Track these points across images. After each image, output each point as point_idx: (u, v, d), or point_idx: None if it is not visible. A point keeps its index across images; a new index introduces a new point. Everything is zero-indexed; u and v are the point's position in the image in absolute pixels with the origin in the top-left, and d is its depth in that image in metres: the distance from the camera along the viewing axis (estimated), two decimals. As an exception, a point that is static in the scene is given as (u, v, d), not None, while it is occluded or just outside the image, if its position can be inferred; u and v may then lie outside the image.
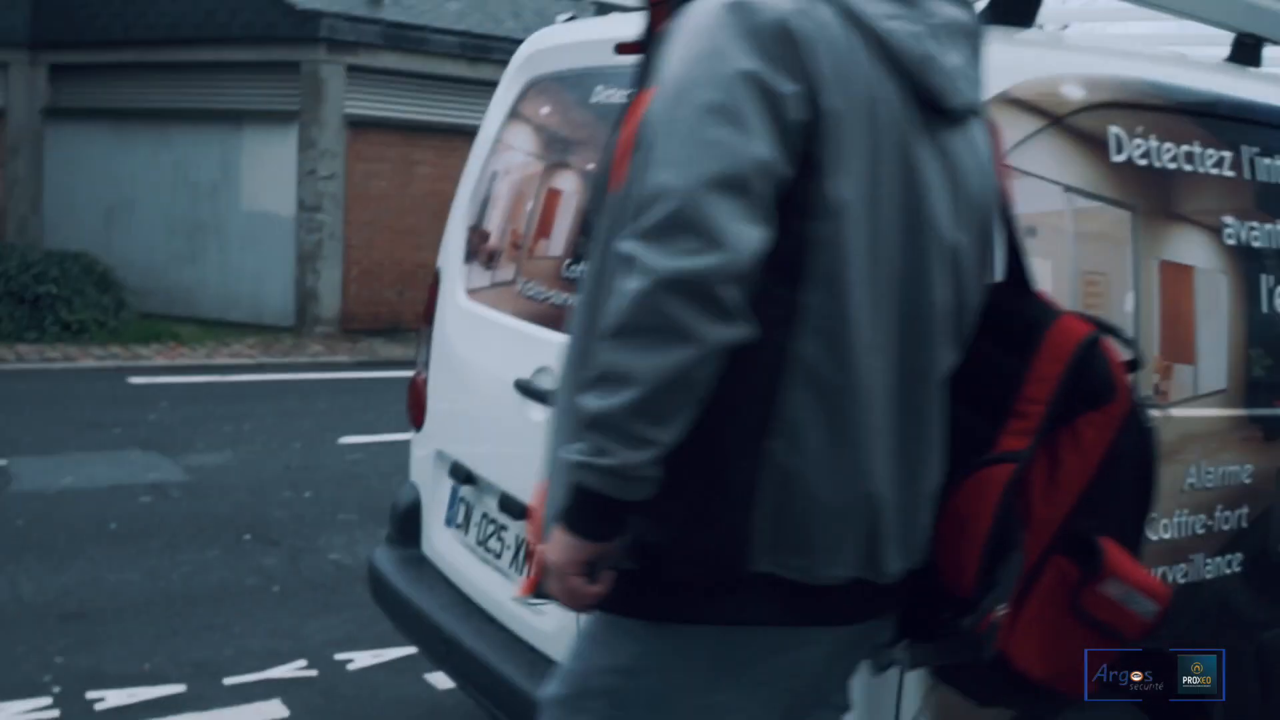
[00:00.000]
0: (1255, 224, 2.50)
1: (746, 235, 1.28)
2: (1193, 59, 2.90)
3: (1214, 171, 2.43)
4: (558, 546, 1.40)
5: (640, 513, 1.36)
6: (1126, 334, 1.55)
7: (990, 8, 2.22)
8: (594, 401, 1.31)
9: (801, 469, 1.36)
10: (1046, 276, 2.18)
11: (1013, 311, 1.59)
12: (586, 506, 1.35)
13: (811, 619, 1.42)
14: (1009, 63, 2.17)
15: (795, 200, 1.33)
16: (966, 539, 1.40)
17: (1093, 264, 2.23)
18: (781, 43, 1.33)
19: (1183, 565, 2.32)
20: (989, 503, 1.39)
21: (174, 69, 11.10)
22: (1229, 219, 2.46)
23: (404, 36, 11.07)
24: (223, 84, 10.97)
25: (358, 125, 10.99)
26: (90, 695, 3.49)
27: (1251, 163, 2.52)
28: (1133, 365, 1.61)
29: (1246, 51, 2.68)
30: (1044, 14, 2.35)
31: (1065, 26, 2.97)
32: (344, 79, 10.84)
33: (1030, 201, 2.17)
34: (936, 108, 1.44)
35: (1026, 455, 1.42)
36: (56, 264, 10.12)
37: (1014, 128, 2.12)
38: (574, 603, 1.43)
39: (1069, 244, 2.20)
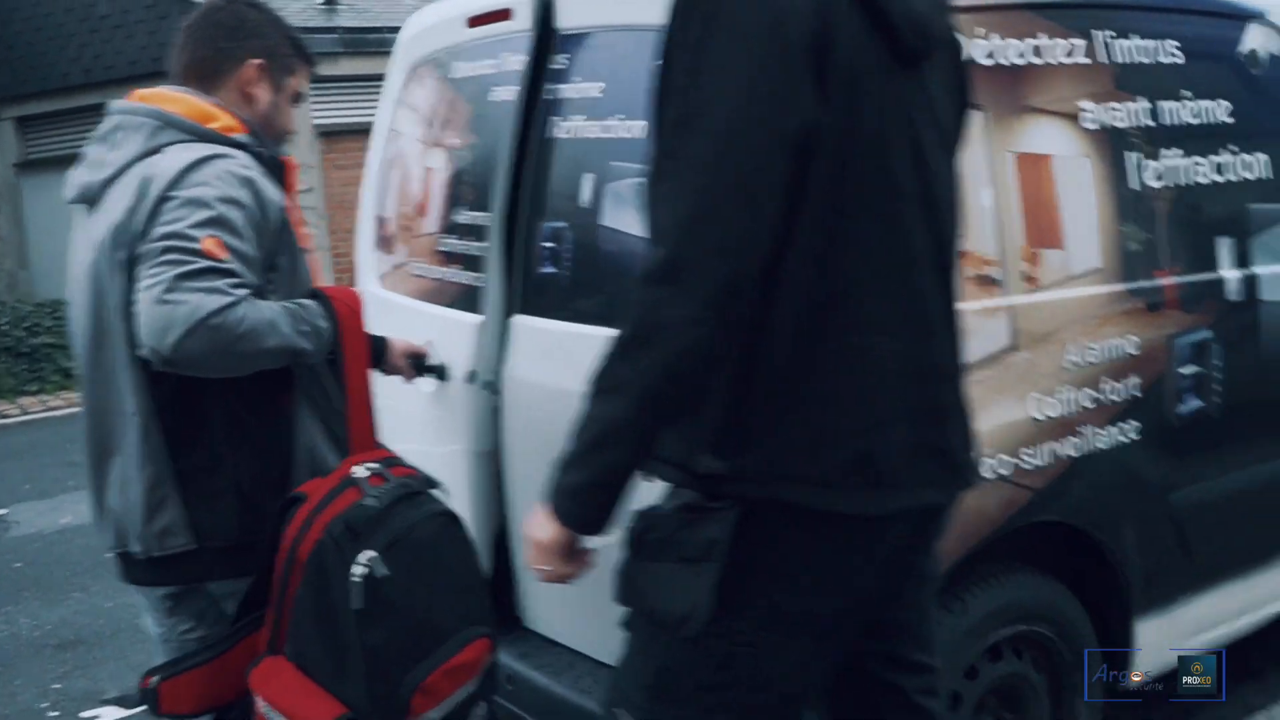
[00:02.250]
0: (1115, 105, 2.54)
1: None
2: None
3: (1066, 60, 2.48)
4: None
5: None
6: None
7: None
8: None
9: None
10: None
11: None
12: None
13: None
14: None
15: None
16: None
17: (942, 165, 2.28)
18: None
19: (1073, 439, 2.38)
20: None
21: (137, 106, 11.19)
22: (1087, 104, 2.50)
23: (362, 40, 11.07)
24: (187, 114, 11.04)
25: (328, 135, 11.01)
26: (85, 715, 3.62)
27: (1106, 45, 2.56)
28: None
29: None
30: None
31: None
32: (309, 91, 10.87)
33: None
34: None
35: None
36: (49, 314, 10.24)
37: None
38: None
39: (913, 149, 2.24)
